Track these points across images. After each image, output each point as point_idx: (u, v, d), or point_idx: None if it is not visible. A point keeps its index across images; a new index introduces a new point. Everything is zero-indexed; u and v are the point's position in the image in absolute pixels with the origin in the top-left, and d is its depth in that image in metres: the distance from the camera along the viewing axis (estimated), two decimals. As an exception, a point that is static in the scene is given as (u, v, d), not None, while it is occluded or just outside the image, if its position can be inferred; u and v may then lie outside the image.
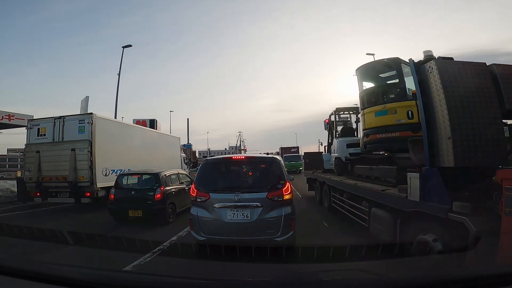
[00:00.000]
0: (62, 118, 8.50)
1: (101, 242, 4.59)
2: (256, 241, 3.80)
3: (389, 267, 3.13)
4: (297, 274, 2.24)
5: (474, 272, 1.46)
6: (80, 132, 8.26)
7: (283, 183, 4.05)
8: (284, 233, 3.82)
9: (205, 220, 3.94)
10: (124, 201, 6.46)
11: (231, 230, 3.90)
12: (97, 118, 8.42)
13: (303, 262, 3.59)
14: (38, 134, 8.66)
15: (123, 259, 3.73)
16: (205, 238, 3.88)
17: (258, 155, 5.92)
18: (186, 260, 3.84)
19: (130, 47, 19.06)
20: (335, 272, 2.26)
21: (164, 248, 4.35)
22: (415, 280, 1.41)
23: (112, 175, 8.53)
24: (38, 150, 8.36)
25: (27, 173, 8.60)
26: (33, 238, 4.54)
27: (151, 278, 1.61)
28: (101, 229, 5.91)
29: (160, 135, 14.26)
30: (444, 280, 1.35)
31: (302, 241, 4.34)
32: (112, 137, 9.19)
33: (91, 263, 3.43)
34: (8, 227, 5.41)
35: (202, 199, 4.02)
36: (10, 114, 13.99)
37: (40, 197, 8.45)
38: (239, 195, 3.89)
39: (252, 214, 3.85)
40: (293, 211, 4.03)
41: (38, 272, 1.43)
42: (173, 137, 15.44)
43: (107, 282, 1.40)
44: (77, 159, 8.04)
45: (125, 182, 7.05)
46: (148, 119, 23.71)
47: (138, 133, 11.24)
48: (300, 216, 6.21)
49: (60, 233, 4.48)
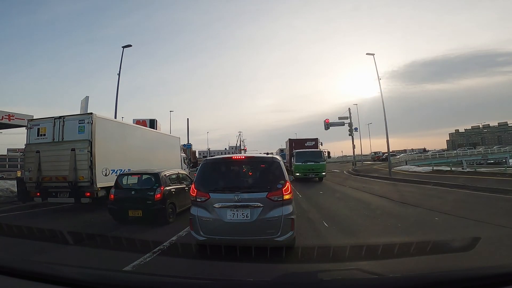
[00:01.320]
0: (62, 118, 8.49)
1: (101, 242, 4.60)
2: (256, 241, 3.80)
3: (389, 267, 3.13)
4: (297, 274, 2.24)
5: (474, 272, 1.46)
6: (80, 132, 8.26)
7: (283, 183, 4.05)
8: (284, 233, 3.81)
9: (205, 220, 3.93)
10: (124, 201, 6.45)
11: (231, 230, 3.89)
12: (97, 118, 8.41)
13: (303, 262, 3.60)
14: (38, 134, 8.65)
15: (123, 259, 3.72)
16: (205, 238, 3.88)
17: (258, 155, 5.91)
18: (186, 260, 3.84)
19: (130, 47, 19.08)
20: (335, 272, 2.26)
21: (164, 248, 4.34)
22: (414, 280, 1.41)
23: (112, 175, 8.52)
24: (38, 150, 8.35)
25: (27, 173, 8.59)
26: (33, 238, 4.55)
27: (151, 278, 1.61)
28: (101, 229, 5.91)
29: (160, 135, 14.25)
30: (444, 280, 1.35)
31: (302, 241, 4.34)
32: (112, 137, 9.18)
33: (91, 263, 3.43)
34: (8, 227, 5.42)
35: (202, 199, 4.02)
36: (10, 114, 14.01)
37: (40, 197, 8.44)
38: (239, 195, 3.89)
39: (252, 214, 3.85)
40: (293, 211, 4.03)
41: (38, 272, 1.43)
42: (173, 137, 15.42)
43: (107, 282, 1.41)
44: (77, 159, 8.04)
45: (125, 182, 7.05)
46: (148, 119, 23.73)
47: (138, 133, 11.23)
48: (300, 216, 6.21)
49: (60, 233, 4.49)
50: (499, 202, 8.14)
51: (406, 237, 4.82)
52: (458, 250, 3.52)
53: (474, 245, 3.42)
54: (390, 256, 3.32)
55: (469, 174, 15.85)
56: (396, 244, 3.65)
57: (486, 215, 6.26)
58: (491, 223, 5.49)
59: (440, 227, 5.56)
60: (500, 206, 7.47)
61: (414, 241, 3.77)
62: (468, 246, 3.47)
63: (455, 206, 7.40)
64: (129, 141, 10.15)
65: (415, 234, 5.11)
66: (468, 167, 19.49)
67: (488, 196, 9.11)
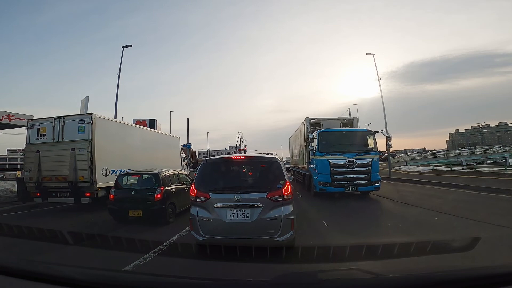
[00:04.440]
0: (62, 118, 8.49)
1: (101, 242, 4.59)
2: (256, 241, 3.80)
3: (389, 267, 3.13)
4: (297, 274, 2.24)
5: (474, 272, 1.46)
6: (80, 132, 8.26)
7: (283, 183, 4.05)
8: (284, 233, 3.81)
9: (205, 220, 3.93)
10: (124, 201, 6.45)
11: (231, 230, 3.89)
12: (97, 118, 8.41)
13: (303, 262, 3.59)
14: (38, 134, 8.65)
15: (123, 259, 3.72)
16: (205, 238, 3.88)
17: (258, 155, 5.91)
18: (186, 260, 3.83)
19: (130, 47, 19.10)
20: (335, 272, 2.25)
21: (164, 248, 4.34)
22: (414, 280, 1.41)
23: (112, 175, 8.52)
24: (38, 150, 8.35)
25: (27, 173, 8.59)
26: (33, 238, 4.55)
27: (151, 278, 1.61)
28: (101, 229, 5.91)
29: (160, 135, 14.24)
30: (444, 280, 1.35)
31: (302, 241, 4.34)
32: (112, 137, 9.18)
33: (91, 263, 3.43)
34: (8, 227, 5.41)
35: (202, 199, 4.02)
36: (10, 114, 14.04)
37: (40, 197, 8.44)
38: (239, 195, 3.89)
39: (252, 214, 3.85)
40: (293, 211, 4.03)
41: (38, 272, 1.43)
42: (173, 137, 15.42)
43: (107, 282, 1.41)
44: (77, 159, 8.04)
45: (125, 182, 7.04)
46: (148, 119, 23.72)
47: (138, 133, 11.22)
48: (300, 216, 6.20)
49: (60, 233, 4.49)
50: (499, 202, 8.14)
51: (406, 237, 4.82)
52: (458, 250, 3.52)
53: (474, 245, 3.41)
54: (390, 256, 3.31)
55: (469, 174, 15.87)
56: (396, 244, 3.65)
57: (486, 215, 6.25)
58: (491, 223, 5.48)
59: (440, 227, 5.56)
60: (500, 206, 7.47)
61: (414, 241, 3.76)
62: (468, 246, 3.46)
63: (455, 206, 7.40)
64: (129, 141, 10.15)
65: (415, 234, 5.11)
66: (468, 167, 19.51)
67: (488, 196, 9.11)
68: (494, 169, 17.21)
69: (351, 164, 9.05)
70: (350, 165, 9.05)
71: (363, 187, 9.18)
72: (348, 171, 9.08)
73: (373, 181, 9.18)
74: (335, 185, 9.09)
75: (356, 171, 9.09)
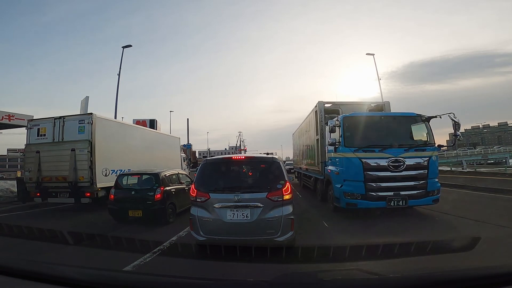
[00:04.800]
0: (62, 118, 8.49)
1: (101, 242, 4.59)
2: (256, 241, 3.80)
3: (389, 267, 3.13)
4: (297, 274, 2.24)
5: (474, 272, 1.46)
6: (80, 132, 8.26)
7: (283, 183, 4.05)
8: (284, 233, 3.81)
9: (205, 220, 3.93)
10: (124, 201, 6.45)
11: (231, 230, 3.89)
12: (97, 118, 8.41)
13: (303, 262, 3.59)
14: (38, 134, 8.64)
15: (123, 259, 3.72)
16: (205, 238, 3.88)
17: (258, 155, 5.90)
18: (186, 260, 3.83)
19: (130, 47, 19.10)
20: (335, 272, 2.25)
21: (164, 248, 4.34)
22: (414, 280, 1.41)
23: (112, 175, 8.52)
24: (38, 150, 8.35)
25: (27, 173, 8.59)
26: (33, 238, 4.54)
27: (151, 278, 1.61)
28: (101, 229, 5.91)
29: (160, 135, 14.23)
30: (444, 280, 1.35)
31: (302, 241, 4.34)
32: (112, 137, 9.18)
33: (91, 263, 3.43)
34: (8, 227, 5.41)
35: (202, 199, 4.02)
36: (10, 114, 14.03)
37: (40, 197, 8.44)
38: (239, 195, 3.89)
39: (252, 214, 3.85)
40: (293, 211, 4.03)
41: (38, 272, 1.43)
42: (173, 137, 15.41)
43: (107, 282, 1.41)
44: (77, 159, 8.04)
45: (125, 182, 7.05)
46: (148, 119, 23.71)
47: (138, 133, 11.22)
48: (300, 216, 6.20)
49: (60, 233, 4.48)
50: (499, 202, 8.13)
51: (406, 237, 4.81)
52: (458, 250, 3.52)
53: (474, 245, 3.41)
54: (390, 256, 3.31)
55: (469, 174, 15.86)
56: (396, 244, 3.64)
57: (486, 215, 6.25)
58: (491, 223, 5.48)
59: (440, 227, 5.56)
60: (500, 206, 7.47)
61: (414, 241, 3.76)
62: (468, 246, 3.46)
63: (455, 206, 7.39)
64: (129, 141, 10.14)
65: (415, 234, 5.11)
66: (468, 167, 19.51)
67: (488, 196, 9.11)
68: (494, 169, 17.22)
69: (397, 165, 6.02)
70: (395, 167, 6.02)
71: (415, 200, 6.07)
72: (393, 176, 6.03)
73: (430, 190, 6.12)
74: (371, 198, 6.00)
75: (405, 177, 6.04)
